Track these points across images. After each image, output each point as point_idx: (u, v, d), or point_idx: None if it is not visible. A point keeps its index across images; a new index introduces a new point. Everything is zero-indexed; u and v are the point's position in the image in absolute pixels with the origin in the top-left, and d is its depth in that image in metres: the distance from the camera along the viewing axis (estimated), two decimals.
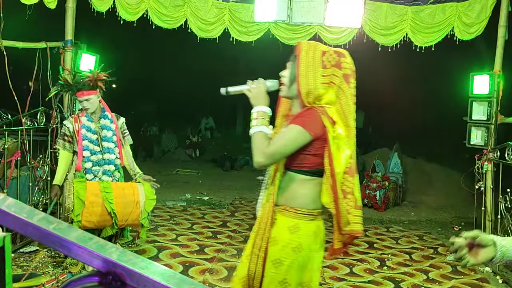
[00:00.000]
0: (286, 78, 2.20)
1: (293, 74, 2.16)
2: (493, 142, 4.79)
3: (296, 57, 2.16)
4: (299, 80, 2.11)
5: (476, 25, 4.91)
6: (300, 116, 2.09)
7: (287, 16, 5.07)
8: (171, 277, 0.73)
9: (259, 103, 2.16)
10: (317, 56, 2.14)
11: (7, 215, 0.83)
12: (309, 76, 2.12)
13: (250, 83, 2.21)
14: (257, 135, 2.08)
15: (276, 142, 2.05)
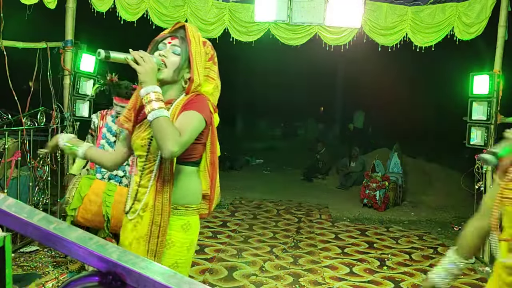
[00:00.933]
0: (172, 60, 1.98)
1: (184, 59, 1.98)
2: (493, 142, 4.79)
3: (187, 41, 1.99)
4: (194, 67, 1.97)
5: (476, 25, 4.91)
6: (195, 102, 1.94)
7: (287, 16, 5.08)
8: (171, 277, 0.73)
9: (152, 81, 1.88)
10: (201, 45, 2.03)
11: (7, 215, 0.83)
12: (199, 65, 2.00)
13: (136, 54, 1.88)
14: (163, 120, 1.80)
15: (185, 129, 1.85)
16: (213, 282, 3.95)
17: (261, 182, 9.20)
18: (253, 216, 6.48)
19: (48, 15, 5.09)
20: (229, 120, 17.03)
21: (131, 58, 1.86)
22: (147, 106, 1.83)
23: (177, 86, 2.01)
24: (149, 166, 1.98)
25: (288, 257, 4.71)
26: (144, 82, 1.85)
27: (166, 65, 1.96)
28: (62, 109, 5.10)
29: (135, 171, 2.09)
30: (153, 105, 1.82)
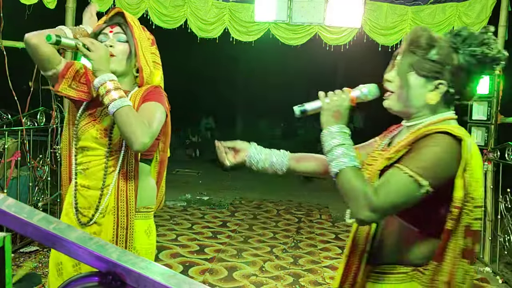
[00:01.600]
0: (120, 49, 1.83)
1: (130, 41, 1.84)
2: (493, 142, 4.79)
3: (129, 26, 1.84)
4: (140, 53, 1.83)
5: (476, 25, 4.91)
6: (154, 93, 1.81)
7: (287, 16, 5.07)
8: (171, 277, 0.73)
9: (107, 69, 1.72)
10: (143, 30, 1.91)
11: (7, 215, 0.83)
12: (146, 51, 1.86)
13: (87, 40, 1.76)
14: (128, 110, 1.64)
15: (152, 120, 1.71)
16: (213, 283, 3.95)
17: (261, 182, 9.20)
18: (253, 216, 6.48)
19: (48, 15, 5.08)
20: (229, 120, 17.04)
21: (82, 44, 1.72)
22: (105, 97, 1.66)
23: (129, 77, 1.88)
24: (109, 161, 1.79)
25: (288, 257, 4.70)
26: (98, 70, 1.71)
27: (114, 54, 1.81)
28: (62, 109, 5.09)
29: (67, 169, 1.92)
30: (112, 95, 1.65)
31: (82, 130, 1.83)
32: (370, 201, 1.24)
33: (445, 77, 1.35)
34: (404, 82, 1.39)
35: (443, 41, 1.37)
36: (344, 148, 1.34)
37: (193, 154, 13.02)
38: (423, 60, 1.35)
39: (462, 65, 1.34)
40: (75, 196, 1.83)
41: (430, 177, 1.25)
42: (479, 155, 1.33)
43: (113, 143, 1.80)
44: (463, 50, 1.34)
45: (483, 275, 4.47)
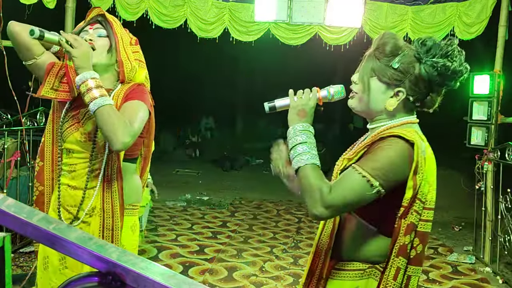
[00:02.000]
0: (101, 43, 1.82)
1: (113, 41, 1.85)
2: (494, 142, 4.79)
3: (109, 23, 1.88)
4: (121, 48, 1.83)
5: (477, 25, 4.91)
6: (136, 91, 1.82)
7: (287, 16, 5.07)
8: (171, 277, 0.73)
9: (89, 66, 1.69)
10: (124, 30, 1.93)
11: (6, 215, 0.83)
12: (127, 49, 1.88)
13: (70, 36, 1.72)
14: (109, 108, 1.63)
15: (133, 119, 1.70)
16: (213, 283, 3.95)
17: (261, 182, 9.20)
18: (253, 216, 6.48)
19: (47, 15, 5.08)
20: (229, 120, 17.03)
21: (65, 40, 1.69)
22: (86, 95, 1.64)
23: (110, 74, 1.86)
24: (94, 165, 1.81)
25: (288, 258, 4.70)
26: (80, 68, 1.67)
27: (95, 48, 1.79)
28: None
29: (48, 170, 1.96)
30: (93, 93, 1.64)
31: (66, 133, 1.84)
32: (324, 198, 1.29)
33: (405, 85, 1.38)
34: (366, 86, 1.42)
35: (408, 49, 1.39)
36: (306, 146, 1.38)
37: (193, 154, 13.02)
38: (385, 67, 1.38)
39: (423, 75, 1.37)
40: (59, 194, 1.86)
41: (381, 178, 1.29)
42: (433, 159, 1.37)
43: (98, 146, 1.80)
44: (425, 61, 1.37)
45: (483, 275, 4.47)
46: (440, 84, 1.39)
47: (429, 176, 1.34)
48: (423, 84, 1.38)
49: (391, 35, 1.43)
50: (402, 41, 1.43)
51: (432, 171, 1.36)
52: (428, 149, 1.35)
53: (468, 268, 4.66)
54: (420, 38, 1.43)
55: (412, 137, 1.32)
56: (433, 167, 1.36)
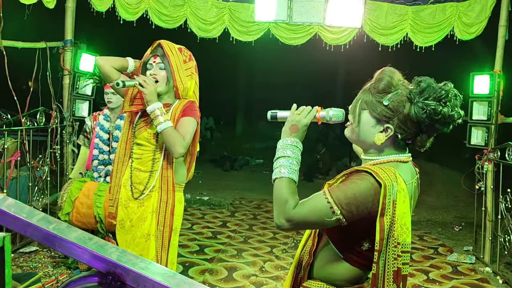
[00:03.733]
0: (161, 75, 2.53)
1: (169, 71, 2.53)
2: (494, 142, 4.79)
3: (166, 56, 2.53)
4: (176, 75, 2.53)
5: (476, 25, 4.91)
6: (190, 108, 2.54)
7: (287, 16, 5.07)
8: (170, 277, 0.73)
9: (155, 99, 2.46)
10: (179, 53, 2.57)
11: (6, 215, 0.83)
12: (181, 72, 2.54)
13: (141, 79, 2.45)
14: (170, 130, 2.43)
15: (186, 133, 2.48)
16: (213, 283, 3.95)
17: (261, 183, 9.19)
18: (253, 216, 6.48)
19: (47, 15, 5.08)
20: (229, 120, 17.04)
21: (138, 83, 2.42)
22: (155, 120, 2.44)
23: (170, 93, 2.59)
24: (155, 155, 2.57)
25: (288, 258, 4.70)
26: (149, 101, 2.43)
27: (157, 80, 2.52)
28: (62, 109, 5.09)
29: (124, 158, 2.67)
30: (159, 119, 2.43)
31: (138, 132, 2.61)
32: (287, 211, 1.35)
33: (394, 123, 1.40)
34: (357, 117, 1.46)
35: (403, 88, 1.40)
36: (289, 161, 1.44)
37: None
38: (377, 102, 1.41)
39: (411, 115, 1.38)
40: (131, 175, 2.63)
41: (344, 208, 1.31)
42: (406, 202, 1.35)
43: (159, 143, 2.57)
44: (416, 101, 1.37)
45: (483, 275, 4.47)
46: (430, 126, 1.40)
47: (402, 218, 1.34)
48: (411, 124, 1.40)
49: (388, 72, 1.44)
50: (399, 79, 1.44)
51: (405, 214, 1.35)
52: (401, 192, 1.34)
53: (468, 268, 4.66)
54: (418, 78, 1.43)
55: (383, 178, 1.32)
56: (406, 210, 1.35)
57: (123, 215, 2.63)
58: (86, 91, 5.22)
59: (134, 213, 2.58)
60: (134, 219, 2.57)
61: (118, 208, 2.67)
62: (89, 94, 5.25)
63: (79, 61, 5.10)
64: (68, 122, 5.14)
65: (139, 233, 2.56)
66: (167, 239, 2.59)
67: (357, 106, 1.46)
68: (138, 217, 2.57)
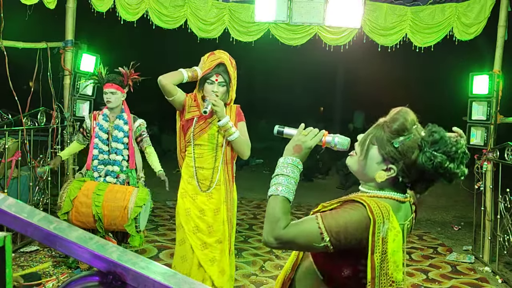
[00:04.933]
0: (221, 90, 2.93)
1: (227, 86, 2.94)
2: (493, 142, 4.79)
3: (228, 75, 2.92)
4: (232, 92, 2.99)
5: (475, 25, 4.91)
6: (241, 114, 3.07)
7: (287, 16, 5.07)
8: (171, 276, 0.73)
9: (224, 114, 2.89)
10: (235, 69, 2.97)
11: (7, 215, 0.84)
12: (234, 86, 2.99)
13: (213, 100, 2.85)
14: (240, 138, 2.95)
15: (247, 138, 3.03)
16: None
17: (261, 182, 9.18)
18: (253, 216, 6.49)
19: (48, 15, 5.09)
20: None
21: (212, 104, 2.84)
22: (228, 131, 2.92)
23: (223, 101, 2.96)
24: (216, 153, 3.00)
25: (288, 257, 4.70)
26: (221, 116, 2.87)
27: (218, 95, 2.92)
28: (62, 109, 5.10)
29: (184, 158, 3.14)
30: (232, 130, 2.92)
31: (197, 135, 2.99)
32: (277, 230, 1.36)
33: (399, 165, 1.40)
34: (366, 151, 1.46)
35: (415, 133, 1.40)
36: (287, 180, 1.45)
37: None
38: (387, 141, 1.41)
39: (418, 163, 1.38)
40: (196, 172, 3.03)
41: (333, 236, 1.32)
42: (397, 240, 1.35)
43: (219, 142, 3.00)
44: (426, 151, 1.37)
45: (482, 275, 4.48)
46: (432, 176, 1.40)
47: (393, 256, 1.34)
48: (415, 171, 1.40)
49: (404, 113, 1.43)
50: (413, 121, 1.43)
51: (396, 251, 1.35)
52: (392, 231, 1.34)
53: (468, 268, 4.67)
54: (432, 127, 1.42)
55: (375, 213, 1.33)
56: (398, 247, 1.35)
57: (189, 205, 3.04)
58: (86, 91, 5.23)
59: (205, 204, 3.01)
60: (206, 209, 3.00)
61: (184, 199, 3.04)
62: (90, 94, 5.26)
63: (80, 61, 5.11)
64: (69, 122, 5.15)
65: (218, 221, 3.03)
66: (233, 222, 3.12)
67: (367, 140, 1.46)
68: (209, 208, 3.02)
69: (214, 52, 3.03)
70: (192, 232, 3.02)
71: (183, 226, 3.04)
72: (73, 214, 3.56)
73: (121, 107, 3.90)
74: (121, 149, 3.83)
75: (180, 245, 3.07)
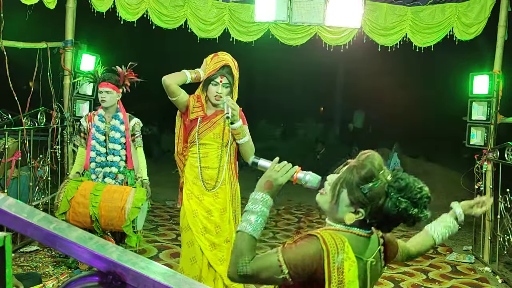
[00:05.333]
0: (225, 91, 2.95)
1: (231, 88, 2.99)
2: (493, 142, 4.79)
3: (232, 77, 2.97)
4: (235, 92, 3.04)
5: (475, 25, 4.91)
6: (243, 117, 3.03)
7: (287, 16, 5.07)
8: (171, 277, 0.74)
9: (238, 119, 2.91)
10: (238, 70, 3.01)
11: (7, 215, 0.84)
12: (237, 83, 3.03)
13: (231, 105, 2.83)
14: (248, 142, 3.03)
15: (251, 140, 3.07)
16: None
17: None
18: None
19: (48, 15, 5.09)
20: None
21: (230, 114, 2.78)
22: (241, 134, 2.95)
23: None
24: (221, 152, 3.03)
25: None
26: (235, 120, 2.87)
27: (222, 96, 2.94)
28: (62, 109, 5.10)
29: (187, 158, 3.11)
30: (244, 134, 2.96)
31: (201, 134, 3.01)
32: (241, 265, 1.44)
33: (367, 210, 1.47)
34: (336, 194, 1.51)
35: (382, 178, 1.47)
36: (256, 218, 1.51)
37: None
38: (356, 187, 1.47)
39: (384, 209, 1.45)
40: (201, 172, 3.03)
41: (291, 268, 1.39)
42: (352, 270, 1.41)
43: (224, 142, 3.02)
44: (392, 197, 1.44)
45: (482, 275, 4.48)
46: (397, 219, 1.47)
47: (349, 286, 1.40)
48: (382, 215, 1.47)
49: (372, 159, 1.49)
50: (380, 165, 1.49)
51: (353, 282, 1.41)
52: (347, 261, 1.41)
53: (468, 268, 4.67)
54: (398, 173, 1.50)
55: (329, 245, 1.40)
56: (354, 278, 1.41)
57: (196, 207, 3.03)
58: (86, 91, 5.23)
59: (212, 205, 3.01)
60: (213, 210, 3.00)
61: (190, 201, 3.03)
62: (90, 94, 5.26)
63: (80, 61, 5.11)
64: (69, 122, 5.15)
65: (225, 220, 3.05)
66: (238, 220, 3.06)
67: (338, 184, 1.51)
68: (215, 208, 3.02)
69: (217, 53, 3.04)
70: (201, 233, 3.03)
71: (191, 228, 3.04)
72: (70, 214, 3.55)
73: (117, 107, 3.86)
74: (119, 149, 3.81)
75: (189, 247, 3.05)
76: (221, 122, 3.02)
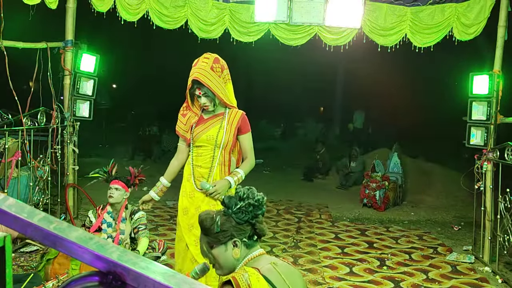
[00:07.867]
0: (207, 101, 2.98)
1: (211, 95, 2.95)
2: (493, 142, 4.79)
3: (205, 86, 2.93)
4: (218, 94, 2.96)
5: (475, 25, 4.91)
6: (246, 123, 3.14)
7: (287, 16, 5.07)
8: (171, 277, 0.74)
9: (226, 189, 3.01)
10: (212, 73, 2.95)
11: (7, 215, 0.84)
12: (221, 89, 2.98)
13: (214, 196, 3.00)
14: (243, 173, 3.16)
15: (251, 149, 3.26)
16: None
17: (261, 182, 9.18)
18: None
19: (48, 15, 5.09)
20: None
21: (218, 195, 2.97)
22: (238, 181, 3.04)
23: (220, 105, 3.06)
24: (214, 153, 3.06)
25: (288, 257, 4.71)
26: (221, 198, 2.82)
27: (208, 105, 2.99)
28: (62, 109, 5.10)
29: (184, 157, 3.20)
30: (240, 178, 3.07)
31: (196, 136, 3.07)
32: None
33: (234, 235, 1.75)
34: (211, 255, 1.78)
35: (215, 215, 1.78)
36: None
37: None
38: (214, 235, 1.75)
39: (239, 221, 1.75)
40: (193, 170, 3.12)
41: None
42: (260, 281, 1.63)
43: (217, 143, 3.04)
44: (232, 212, 1.75)
45: (482, 275, 4.48)
46: (253, 216, 1.76)
47: None
48: (244, 226, 1.75)
49: (205, 212, 1.83)
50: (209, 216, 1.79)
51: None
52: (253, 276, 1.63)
53: (468, 268, 4.67)
54: (224, 199, 1.80)
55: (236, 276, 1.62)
56: (264, 285, 1.62)
57: (187, 204, 3.12)
58: (86, 91, 5.24)
59: (201, 200, 3.04)
60: (202, 206, 3.02)
61: (183, 198, 3.13)
62: (90, 94, 5.26)
63: (80, 61, 5.11)
64: (69, 122, 5.15)
65: None
66: None
67: (205, 249, 1.78)
68: (205, 204, 3.05)
69: (197, 59, 3.04)
70: (188, 229, 3.10)
71: (180, 224, 3.15)
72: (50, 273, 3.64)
73: (122, 204, 3.91)
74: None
75: (177, 242, 3.18)
76: (216, 125, 3.06)
